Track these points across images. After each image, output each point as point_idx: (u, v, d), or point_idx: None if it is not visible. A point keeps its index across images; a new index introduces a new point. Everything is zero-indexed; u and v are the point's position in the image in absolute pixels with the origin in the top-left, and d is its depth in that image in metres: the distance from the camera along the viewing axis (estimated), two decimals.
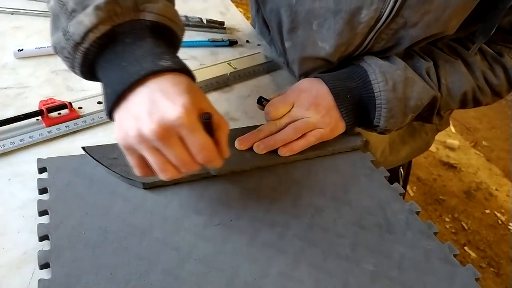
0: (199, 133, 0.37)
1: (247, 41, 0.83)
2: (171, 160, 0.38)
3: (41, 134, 0.53)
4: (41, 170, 0.47)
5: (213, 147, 0.39)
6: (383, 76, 0.55)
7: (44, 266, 0.38)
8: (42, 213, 0.43)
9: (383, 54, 0.59)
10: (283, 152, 0.53)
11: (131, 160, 0.40)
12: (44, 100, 0.56)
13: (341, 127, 0.57)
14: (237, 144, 0.53)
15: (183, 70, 0.40)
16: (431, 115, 0.63)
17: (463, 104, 0.66)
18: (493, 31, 0.55)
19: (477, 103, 0.67)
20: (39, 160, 0.47)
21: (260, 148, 0.53)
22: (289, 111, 0.56)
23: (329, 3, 0.55)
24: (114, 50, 0.39)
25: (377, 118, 0.57)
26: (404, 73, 0.56)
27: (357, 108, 0.57)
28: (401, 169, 0.94)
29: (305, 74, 0.66)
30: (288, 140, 0.54)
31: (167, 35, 0.43)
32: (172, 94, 0.37)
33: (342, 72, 0.60)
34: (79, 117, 0.57)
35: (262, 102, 0.59)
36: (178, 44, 0.46)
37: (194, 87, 0.39)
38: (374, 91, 0.56)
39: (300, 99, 0.57)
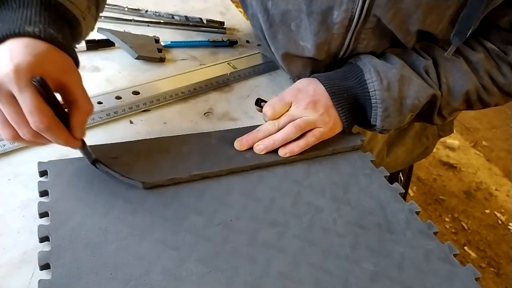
0: (27, 94, 0.37)
1: (247, 41, 0.83)
2: (8, 119, 0.39)
3: None
4: (42, 173, 0.47)
5: (47, 114, 0.38)
6: (377, 75, 0.55)
7: (44, 266, 0.38)
8: (42, 214, 0.43)
9: (375, 53, 0.60)
10: (283, 153, 0.53)
11: None
12: None
13: (339, 126, 0.57)
14: (236, 144, 0.54)
15: (49, 39, 0.40)
16: (431, 114, 0.62)
17: (469, 105, 0.63)
18: (470, 33, 0.53)
19: (484, 103, 0.64)
20: (39, 163, 0.47)
21: (259, 149, 0.53)
22: (287, 111, 0.56)
23: (301, 5, 0.55)
24: (1, 13, 0.41)
25: (374, 117, 0.57)
26: (400, 72, 0.56)
27: (354, 107, 0.58)
28: (401, 175, 0.93)
29: (298, 76, 0.66)
30: (287, 139, 0.54)
31: (58, 10, 0.43)
32: (16, 53, 0.37)
33: (338, 72, 0.60)
34: None
35: (260, 103, 0.59)
36: (75, 23, 0.46)
37: (50, 56, 0.39)
38: (369, 90, 0.56)
39: (297, 98, 0.57)
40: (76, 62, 0.44)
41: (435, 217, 1.63)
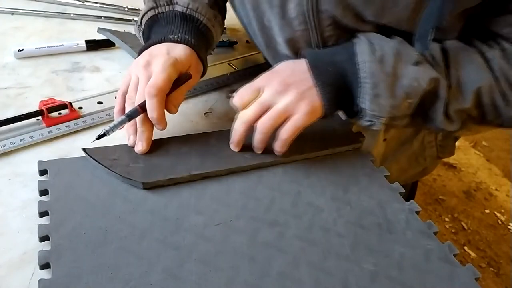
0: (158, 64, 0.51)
1: (247, 42, 0.83)
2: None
3: (42, 134, 0.53)
4: (42, 172, 0.47)
5: (165, 77, 0.49)
6: (370, 45, 0.49)
7: (44, 266, 0.38)
8: (42, 214, 0.43)
9: None
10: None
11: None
12: (44, 100, 0.56)
13: (319, 109, 0.50)
14: (231, 147, 0.53)
15: (182, 41, 0.54)
16: (435, 111, 0.51)
17: (481, 111, 0.52)
18: (431, 38, 0.46)
19: (499, 114, 0.52)
20: (39, 162, 0.47)
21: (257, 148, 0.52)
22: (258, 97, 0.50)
23: None
24: (156, 29, 0.57)
25: (362, 97, 0.49)
26: (398, 46, 0.49)
27: (340, 86, 0.50)
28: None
29: None
30: (264, 140, 0.50)
31: (193, 22, 0.57)
32: (160, 49, 0.53)
33: (329, 48, 0.54)
34: (79, 117, 0.57)
35: (229, 97, 0.57)
36: (206, 31, 0.58)
37: (171, 57, 0.51)
38: (358, 61, 0.49)
39: (270, 80, 0.51)
40: (204, 64, 0.57)
41: (435, 217, 1.63)
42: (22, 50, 0.68)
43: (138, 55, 0.54)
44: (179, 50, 0.53)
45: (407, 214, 0.49)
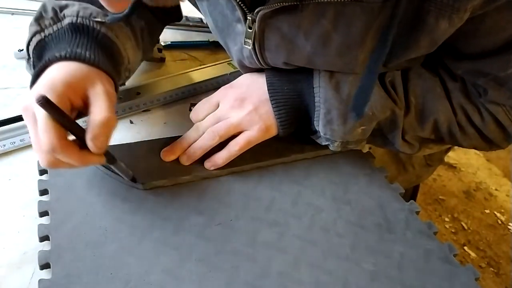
0: (39, 115, 0.36)
1: None
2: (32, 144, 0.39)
3: None
4: (42, 172, 0.47)
5: (53, 134, 0.36)
6: (328, 71, 0.48)
7: (44, 266, 0.38)
8: (42, 214, 0.43)
9: None
10: (207, 166, 0.49)
11: None
12: None
13: (273, 128, 0.50)
14: (162, 155, 0.50)
15: (72, 57, 0.41)
16: (395, 137, 0.51)
17: (439, 138, 0.53)
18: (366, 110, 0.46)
19: (456, 143, 0.53)
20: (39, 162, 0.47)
21: (184, 160, 0.49)
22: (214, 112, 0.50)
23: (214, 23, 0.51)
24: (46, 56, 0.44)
25: (316, 120, 0.49)
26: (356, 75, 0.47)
27: (295, 104, 0.49)
28: None
29: None
30: (205, 147, 0.49)
31: (86, 31, 0.45)
32: (45, 77, 0.40)
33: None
34: None
35: (190, 108, 0.55)
36: (104, 39, 0.46)
37: (75, 72, 0.40)
38: (314, 86, 0.48)
39: (226, 95, 0.50)
40: (114, 81, 0.44)
41: (435, 217, 1.63)
42: (22, 50, 0.68)
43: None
44: (68, 69, 0.40)
45: (407, 214, 0.49)
